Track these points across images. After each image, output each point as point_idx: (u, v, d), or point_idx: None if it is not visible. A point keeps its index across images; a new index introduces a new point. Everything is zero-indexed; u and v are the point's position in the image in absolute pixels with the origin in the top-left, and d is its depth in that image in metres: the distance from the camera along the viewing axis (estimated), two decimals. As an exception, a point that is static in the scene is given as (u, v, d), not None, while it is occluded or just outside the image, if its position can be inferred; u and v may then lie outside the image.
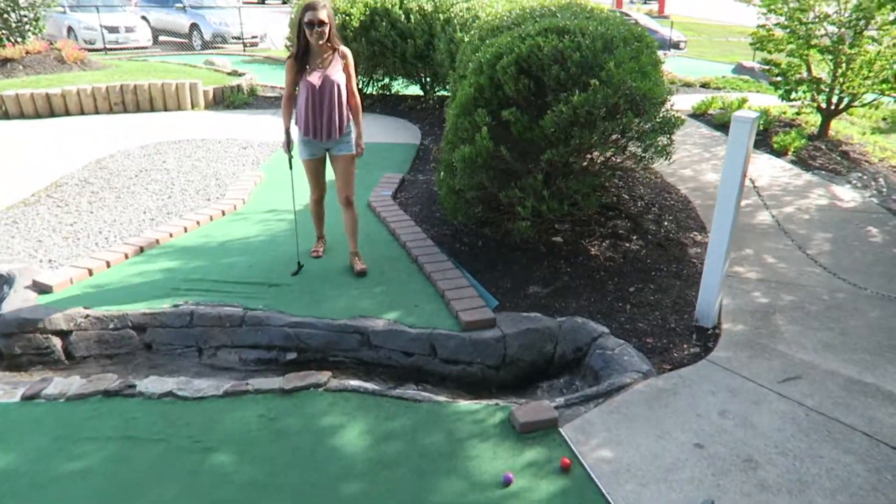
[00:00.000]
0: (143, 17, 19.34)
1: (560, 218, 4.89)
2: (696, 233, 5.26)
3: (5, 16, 10.17)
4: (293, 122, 4.42)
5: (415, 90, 10.07)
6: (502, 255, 4.78)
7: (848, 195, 6.17)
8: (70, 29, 16.83)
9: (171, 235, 5.12)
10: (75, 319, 3.99)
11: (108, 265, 4.62)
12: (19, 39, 10.38)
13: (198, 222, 5.37)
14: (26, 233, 5.22)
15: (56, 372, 3.87)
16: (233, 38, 18.45)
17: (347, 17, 8.99)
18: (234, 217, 5.60)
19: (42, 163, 6.82)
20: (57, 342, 3.96)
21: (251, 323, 3.98)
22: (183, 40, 18.87)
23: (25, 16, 10.39)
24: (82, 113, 8.88)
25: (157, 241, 5.01)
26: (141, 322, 4.02)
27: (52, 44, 10.61)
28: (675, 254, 4.86)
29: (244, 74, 10.98)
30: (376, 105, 9.77)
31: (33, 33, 10.64)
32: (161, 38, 19.56)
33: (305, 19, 4.10)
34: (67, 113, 8.80)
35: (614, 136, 4.54)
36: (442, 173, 4.93)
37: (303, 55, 4.20)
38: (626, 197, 5.85)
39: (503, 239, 4.92)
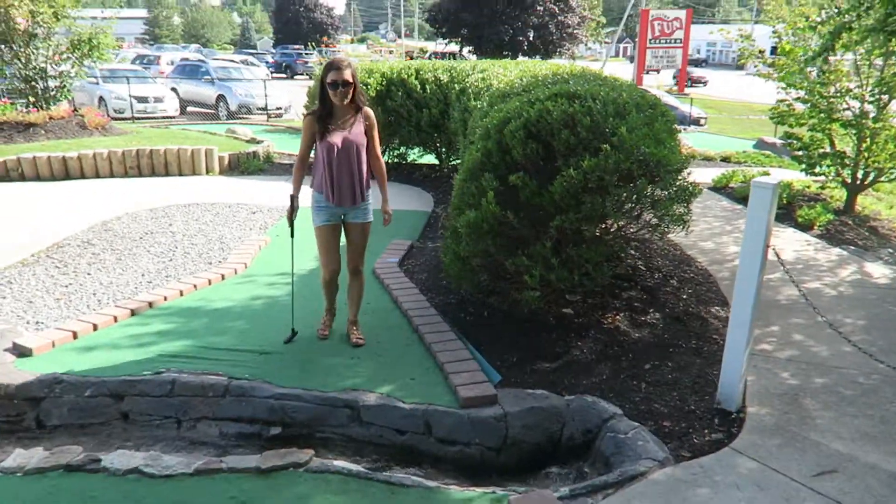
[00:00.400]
0: (173, 89, 19.96)
1: (571, 288, 4.62)
2: (717, 307, 4.94)
3: (33, 83, 10.45)
4: (310, 185, 4.18)
5: (430, 159, 10.05)
6: (508, 327, 4.50)
7: (879, 271, 5.84)
8: (101, 99, 17.36)
9: (165, 298, 4.93)
10: (49, 385, 3.76)
11: (95, 328, 4.42)
12: (45, 106, 10.62)
13: (195, 286, 5.19)
14: (18, 293, 5.06)
15: (23, 442, 3.61)
16: (258, 109, 18.88)
17: (364, 87, 9.05)
18: (233, 281, 5.41)
19: (48, 224, 6.76)
20: (28, 409, 3.72)
21: (235, 393, 3.71)
22: (210, 111, 19.35)
23: (54, 84, 10.68)
24: (97, 176, 8.92)
25: (150, 304, 4.82)
26: (119, 390, 3.77)
27: (75, 110, 10.84)
28: (695, 329, 4.54)
29: (262, 142, 11.07)
30: (391, 173, 9.67)
31: (58, 101, 10.90)
32: (189, 108, 20.11)
33: (329, 79, 3.88)
34: (83, 176, 8.85)
35: (628, 204, 4.33)
36: (448, 239, 4.73)
37: (325, 116, 3.98)
38: (643, 268, 5.58)
39: (510, 309, 4.66)
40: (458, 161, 8.80)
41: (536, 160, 4.29)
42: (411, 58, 31.06)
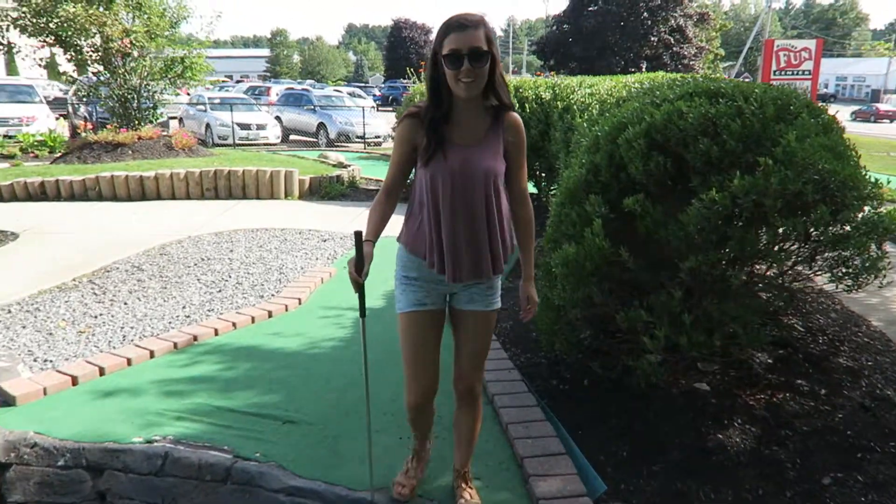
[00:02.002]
0: (278, 117, 20.15)
1: (707, 356, 3.38)
2: (915, 390, 3.53)
3: (126, 103, 10.35)
4: (397, 238, 2.41)
5: (528, 187, 8.99)
6: (618, 404, 3.32)
7: None
8: (208, 125, 17.68)
9: (195, 338, 4.11)
10: (19, 449, 2.96)
11: (102, 372, 3.63)
12: (135, 126, 10.49)
13: (234, 324, 4.35)
14: (40, 323, 4.41)
15: (-30, 524, 2.81)
16: (356, 136, 18.60)
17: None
18: (281, 320, 4.54)
19: (103, 246, 6.22)
20: (-12, 479, 2.92)
21: (238, 479, 2.75)
22: (311, 139, 19.29)
23: (146, 104, 10.57)
24: (173, 197, 8.49)
25: (175, 345, 4.00)
26: (99, 461, 2.91)
27: (164, 131, 10.67)
28: (892, 423, 3.17)
29: (348, 166, 10.42)
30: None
31: (150, 121, 10.78)
32: (292, 136, 20.18)
33: (446, 49, 2.08)
34: (159, 196, 8.45)
35: (795, 242, 3.08)
36: (538, 281, 3.63)
37: (437, 119, 2.19)
38: (801, 329, 4.22)
39: (620, 379, 3.46)
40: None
41: (662, 179, 3.14)
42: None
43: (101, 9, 9.18)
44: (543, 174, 8.37)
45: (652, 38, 34.33)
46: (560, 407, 3.31)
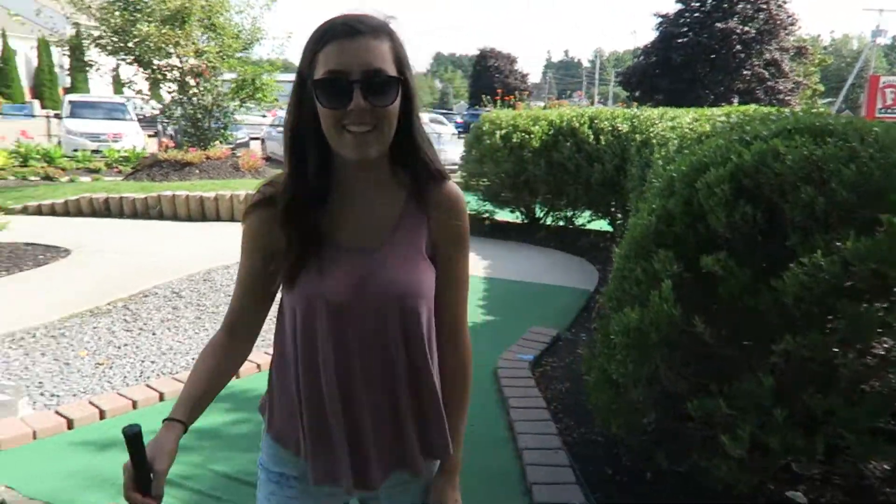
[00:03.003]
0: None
1: (801, 458, 2.71)
2: None
3: (198, 123, 10.44)
4: (258, 409, 1.46)
5: (602, 225, 8.37)
6: (686, 508, 2.69)
7: None
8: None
9: (212, 381, 3.75)
10: (-15, 505, 2.63)
11: (102, 416, 3.30)
12: (204, 146, 10.54)
13: (258, 366, 3.96)
14: (61, 351, 4.17)
15: None
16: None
17: (528, 136, 7.69)
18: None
19: (148, 268, 6.04)
20: (-52, 538, 2.60)
21: (212, 572, 2.30)
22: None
23: (217, 125, 10.62)
24: (232, 219, 8.35)
25: (189, 388, 3.65)
26: (67, 529, 2.54)
27: (233, 151, 10.70)
28: None
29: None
30: (551, 238, 8.16)
31: (220, 141, 10.83)
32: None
33: (320, 70, 1.17)
34: (218, 218, 8.34)
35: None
36: (595, 345, 3.07)
37: (298, 197, 1.23)
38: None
39: (690, 473, 2.83)
40: (634, 230, 7.04)
41: (751, 233, 2.53)
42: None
43: (176, 29, 9.29)
44: (619, 213, 7.73)
45: (745, 72, 32.89)
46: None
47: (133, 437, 1.13)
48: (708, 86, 33.08)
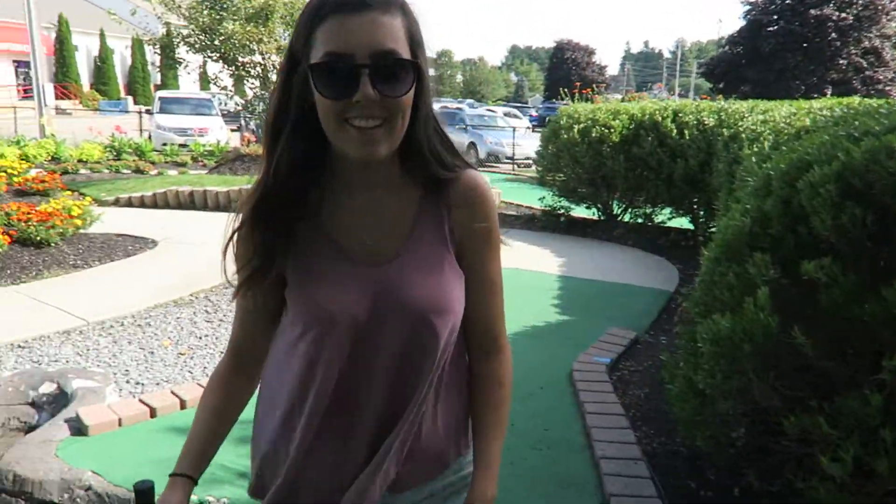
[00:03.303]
0: (429, 135, 20.31)
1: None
2: None
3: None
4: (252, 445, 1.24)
5: (683, 223, 8.03)
6: (778, 531, 2.51)
7: None
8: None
9: (287, 374, 3.79)
10: (73, 489, 2.72)
11: (182, 405, 3.38)
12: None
13: None
14: (146, 340, 4.32)
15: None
16: (506, 157, 18.24)
17: (607, 131, 7.46)
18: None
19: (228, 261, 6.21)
20: (37, 520, 2.71)
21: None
22: (460, 158, 19.22)
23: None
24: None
25: (265, 381, 3.70)
26: (147, 517, 2.60)
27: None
28: None
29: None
30: (629, 236, 7.89)
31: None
32: (441, 155, 20.23)
33: (318, 51, 0.97)
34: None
35: None
36: (679, 352, 2.91)
37: (282, 195, 1.05)
38: None
39: (783, 493, 2.64)
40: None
41: (859, 238, 2.31)
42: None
43: (259, 26, 9.51)
44: (702, 210, 7.40)
45: (840, 61, 31.05)
46: (697, 524, 2.57)
47: (143, 493, 1.09)
48: (799, 76, 31.42)
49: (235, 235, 1.10)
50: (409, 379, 1.10)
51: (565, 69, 62.79)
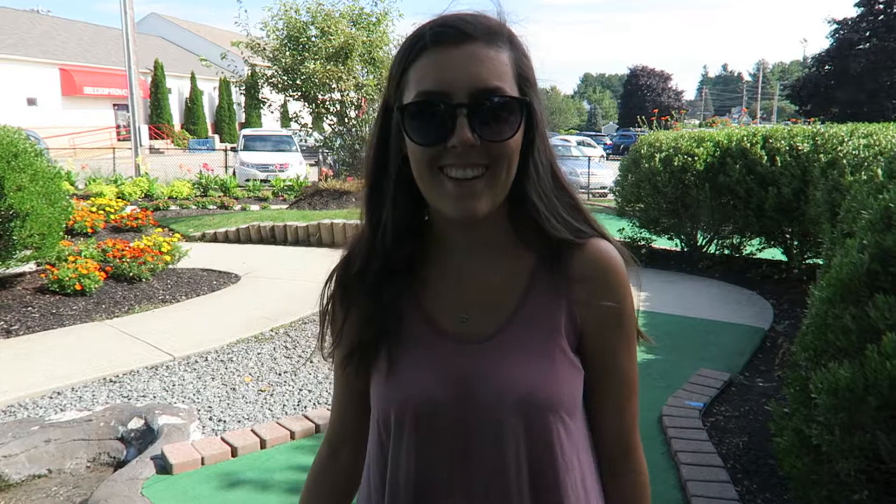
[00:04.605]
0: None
1: None
2: None
3: (356, 154, 10.90)
4: None
5: (774, 254, 7.60)
6: None
7: None
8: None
9: (366, 414, 3.73)
10: (155, 531, 2.73)
11: (263, 445, 3.36)
12: (360, 175, 10.93)
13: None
14: (228, 376, 4.36)
15: None
16: (580, 188, 17.97)
17: (690, 159, 7.18)
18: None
19: (307, 296, 6.24)
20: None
21: None
22: (535, 188, 19.09)
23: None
24: (386, 247, 8.55)
25: (344, 421, 3.65)
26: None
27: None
28: None
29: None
30: (715, 268, 7.52)
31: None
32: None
33: (410, 91, 0.86)
34: (373, 245, 8.56)
35: None
36: (791, 404, 2.66)
37: (376, 264, 0.96)
38: None
39: (915, 565, 2.35)
40: (819, 261, 6.32)
41: None
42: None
43: (339, 65, 9.78)
44: (796, 241, 6.98)
45: (941, 79, 29.26)
46: None
47: None
48: (895, 96, 29.76)
49: (327, 307, 1.01)
50: (527, 480, 0.91)
51: (640, 96, 61.92)
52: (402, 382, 0.92)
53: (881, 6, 31.17)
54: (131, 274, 6.33)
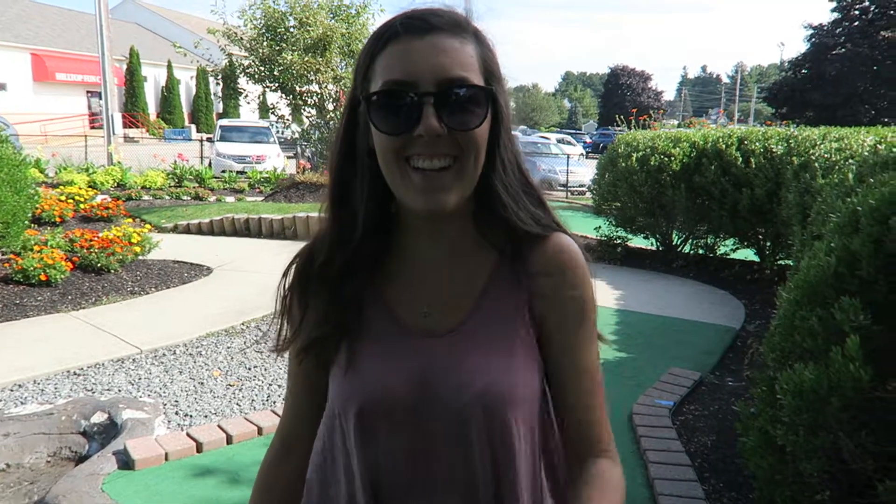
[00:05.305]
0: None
1: None
2: None
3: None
4: None
5: (747, 254, 7.68)
6: None
7: None
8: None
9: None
10: (115, 529, 2.67)
11: (229, 440, 3.31)
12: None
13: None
14: (197, 370, 4.29)
15: None
16: (559, 185, 18.04)
17: (666, 159, 7.22)
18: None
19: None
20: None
21: None
22: (513, 185, 19.14)
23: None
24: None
25: (313, 417, 3.60)
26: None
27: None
28: None
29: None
30: (690, 268, 7.59)
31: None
32: (494, 181, 20.20)
33: (376, 81, 0.85)
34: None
35: None
36: (757, 404, 2.67)
37: (341, 257, 0.93)
38: None
39: (875, 564, 2.37)
40: (790, 262, 6.39)
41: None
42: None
43: (317, 57, 9.67)
44: (768, 242, 7.06)
45: (913, 85, 29.80)
46: None
47: None
48: (868, 101, 30.32)
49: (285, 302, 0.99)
50: (490, 490, 0.89)
51: (620, 95, 62.36)
52: (363, 376, 0.90)
53: (856, 13, 31.68)
54: (99, 265, 6.21)
